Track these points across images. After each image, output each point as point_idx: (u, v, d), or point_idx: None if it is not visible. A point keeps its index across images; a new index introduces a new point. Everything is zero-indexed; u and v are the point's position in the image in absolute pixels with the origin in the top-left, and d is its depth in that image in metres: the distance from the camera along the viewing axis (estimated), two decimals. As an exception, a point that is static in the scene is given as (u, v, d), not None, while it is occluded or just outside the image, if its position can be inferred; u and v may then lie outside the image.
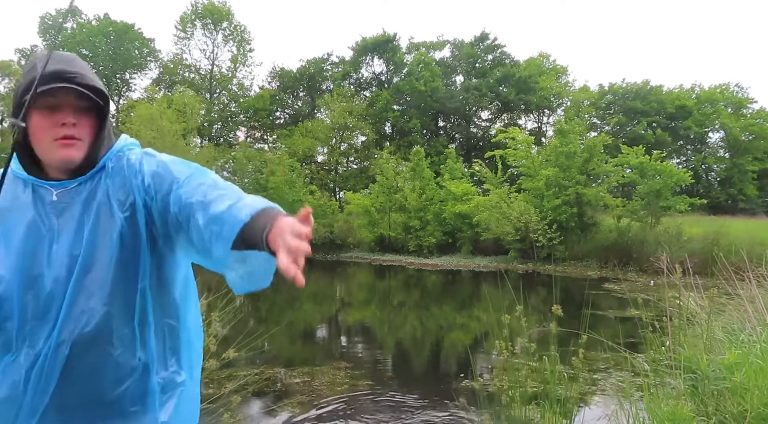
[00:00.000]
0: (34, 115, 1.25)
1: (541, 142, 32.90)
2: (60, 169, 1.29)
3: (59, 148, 1.25)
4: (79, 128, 1.27)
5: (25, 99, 1.20)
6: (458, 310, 12.23)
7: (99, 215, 1.25)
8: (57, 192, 1.28)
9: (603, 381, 5.87)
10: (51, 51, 1.27)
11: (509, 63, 40.78)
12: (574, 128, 21.46)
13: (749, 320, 4.39)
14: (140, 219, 1.26)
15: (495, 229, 20.58)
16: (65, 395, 1.19)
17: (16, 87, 1.30)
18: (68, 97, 1.25)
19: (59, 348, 1.18)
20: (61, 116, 1.25)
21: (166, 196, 1.25)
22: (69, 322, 1.19)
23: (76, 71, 1.27)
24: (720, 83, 40.50)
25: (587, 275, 17.08)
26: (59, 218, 1.26)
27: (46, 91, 1.22)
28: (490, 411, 3.58)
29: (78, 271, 1.21)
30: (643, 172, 20.20)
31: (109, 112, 1.34)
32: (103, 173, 1.31)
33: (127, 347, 1.23)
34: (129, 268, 1.24)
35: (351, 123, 35.94)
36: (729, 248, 8.63)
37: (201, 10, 38.98)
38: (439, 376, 7.23)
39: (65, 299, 1.20)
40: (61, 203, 1.27)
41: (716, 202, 34.35)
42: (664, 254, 4.99)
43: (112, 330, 1.21)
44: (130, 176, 1.29)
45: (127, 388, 1.23)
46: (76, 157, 1.27)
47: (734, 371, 3.15)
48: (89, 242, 1.23)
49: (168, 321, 1.33)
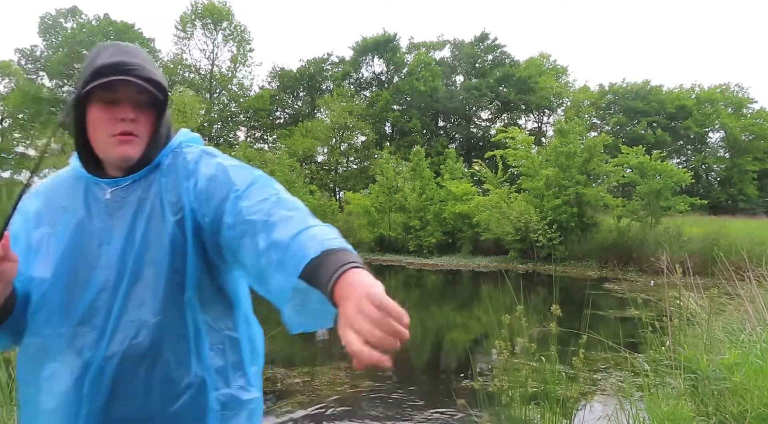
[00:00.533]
0: (93, 109, 1.19)
1: (541, 142, 32.92)
2: (116, 167, 1.23)
3: (117, 145, 1.19)
4: (138, 124, 1.20)
5: (82, 92, 1.16)
6: (458, 310, 12.22)
7: (151, 217, 1.18)
8: (111, 190, 1.21)
9: (603, 381, 5.87)
10: (112, 43, 1.22)
11: (509, 63, 40.79)
12: (574, 128, 21.45)
13: (749, 320, 4.39)
14: (189, 224, 1.17)
15: (495, 229, 20.58)
16: (116, 411, 1.11)
17: (77, 79, 1.24)
18: (128, 92, 1.19)
19: (109, 360, 1.10)
20: (119, 111, 1.18)
21: (221, 204, 1.15)
22: (119, 333, 1.12)
23: (137, 63, 1.19)
24: (720, 83, 40.56)
25: (587, 275, 17.08)
26: (111, 217, 1.19)
27: (105, 84, 1.15)
28: (490, 411, 3.58)
29: (129, 277, 1.14)
30: (643, 172, 20.20)
31: (168, 107, 1.26)
32: (158, 171, 1.24)
33: (181, 361, 1.14)
34: (181, 276, 1.16)
35: (351, 123, 35.94)
36: (729, 248, 8.63)
37: (201, 10, 38.98)
38: (439, 376, 7.23)
39: (114, 307, 1.12)
40: (113, 202, 1.21)
41: (716, 202, 34.35)
42: (664, 254, 4.99)
43: (164, 343, 1.13)
44: (183, 177, 1.21)
45: (183, 405, 1.14)
46: (133, 154, 1.20)
47: (734, 371, 3.15)
48: (141, 246, 1.15)
49: (228, 334, 1.23)
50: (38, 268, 1.17)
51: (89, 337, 1.12)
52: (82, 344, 1.12)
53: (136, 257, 1.15)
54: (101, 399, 1.10)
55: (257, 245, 1.04)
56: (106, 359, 1.11)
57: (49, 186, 1.29)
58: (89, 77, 1.16)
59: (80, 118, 1.21)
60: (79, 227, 1.19)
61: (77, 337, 1.12)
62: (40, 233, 1.21)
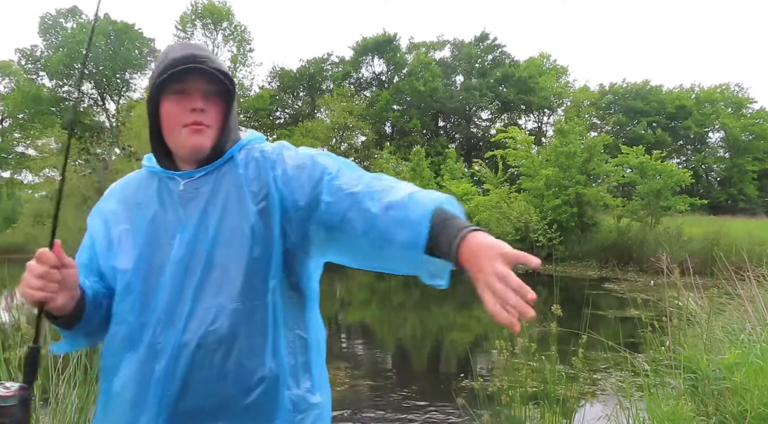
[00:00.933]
0: (165, 103, 1.23)
1: (541, 142, 32.91)
2: (189, 159, 1.25)
3: (189, 135, 1.22)
4: (208, 115, 1.23)
5: (155, 84, 1.20)
6: (458, 310, 12.22)
7: (226, 207, 1.20)
8: (184, 182, 1.24)
9: (603, 381, 5.87)
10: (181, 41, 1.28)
11: (509, 63, 40.80)
12: (574, 128, 21.46)
13: (749, 320, 4.39)
14: (274, 213, 1.19)
15: (495, 229, 20.57)
16: (189, 398, 1.12)
17: (150, 78, 1.27)
18: (197, 82, 1.22)
19: (183, 348, 1.12)
20: (190, 101, 1.21)
21: (315, 186, 1.17)
22: (194, 320, 1.13)
23: (206, 55, 1.24)
24: (720, 83, 40.58)
25: (587, 275, 17.08)
26: (184, 208, 1.22)
27: (176, 74, 1.19)
28: (490, 411, 3.58)
29: (204, 265, 1.16)
30: (643, 172, 20.21)
31: (236, 99, 1.30)
32: (231, 164, 1.26)
33: (256, 353, 1.14)
34: (260, 264, 1.16)
35: (351, 123, 35.95)
36: (729, 248, 8.63)
37: (201, 10, 38.99)
38: (439, 376, 7.23)
39: (190, 294, 1.14)
40: (187, 193, 1.23)
41: (716, 202, 34.36)
42: (664, 254, 5.00)
43: (240, 332, 1.13)
44: (267, 168, 1.23)
45: (256, 399, 1.13)
46: (205, 144, 1.23)
47: (734, 371, 3.15)
48: (216, 235, 1.18)
49: (298, 333, 1.23)
50: (121, 260, 1.22)
51: (170, 326, 1.14)
52: (160, 331, 1.14)
53: (211, 244, 1.17)
54: (175, 386, 1.11)
55: (369, 211, 1.07)
56: (182, 346, 1.12)
57: (123, 187, 1.34)
58: (162, 71, 1.20)
59: (154, 114, 1.25)
60: (154, 220, 1.23)
61: (159, 326, 1.15)
62: (119, 230, 1.25)
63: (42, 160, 27.79)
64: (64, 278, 1.12)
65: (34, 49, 39.34)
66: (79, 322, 1.21)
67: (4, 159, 36.60)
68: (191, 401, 1.12)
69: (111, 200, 1.33)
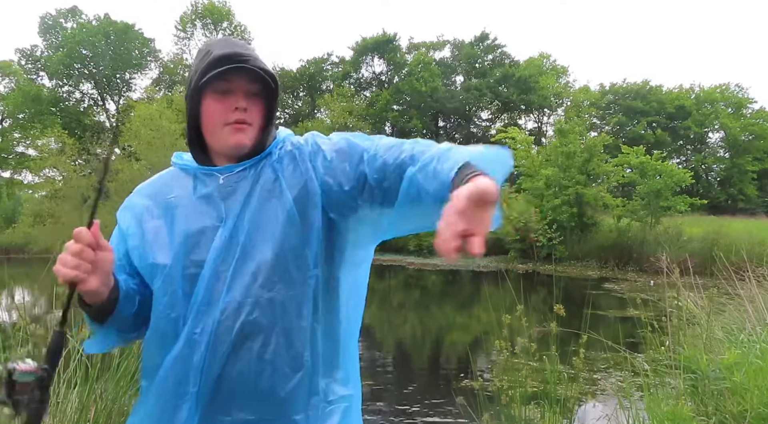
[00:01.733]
0: (207, 100, 1.23)
1: (541, 142, 32.92)
2: (229, 156, 1.27)
3: (231, 134, 1.23)
4: (251, 113, 1.24)
5: (200, 82, 1.20)
6: (458, 310, 12.23)
7: (265, 199, 1.21)
8: (224, 177, 1.25)
9: (603, 381, 5.87)
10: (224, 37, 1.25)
11: (509, 63, 40.79)
12: (574, 128, 21.47)
13: (749, 320, 4.39)
14: (315, 203, 1.21)
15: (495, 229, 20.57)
16: (227, 388, 1.13)
17: (189, 74, 1.27)
18: (240, 81, 1.23)
19: (220, 338, 1.13)
20: (233, 100, 1.22)
21: (357, 166, 1.18)
22: (230, 310, 1.14)
23: (249, 54, 1.24)
24: (720, 83, 40.54)
25: (587, 275, 17.08)
26: (225, 201, 1.23)
27: (220, 73, 1.19)
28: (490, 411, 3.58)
29: (240, 255, 1.17)
30: (643, 172, 20.21)
31: (278, 97, 1.30)
32: (268, 159, 1.27)
33: (293, 343, 1.16)
34: (299, 254, 1.18)
35: (351, 123, 35.94)
36: (729, 248, 8.63)
37: (201, 10, 38.99)
38: (439, 376, 7.23)
39: (226, 285, 1.15)
40: (226, 187, 1.24)
41: (716, 202, 34.35)
42: (664, 254, 5.00)
43: (277, 322, 1.15)
44: (304, 159, 1.25)
45: (293, 390, 1.15)
46: (247, 142, 1.24)
47: (734, 371, 3.15)
48: (252, 226, 1.19)
49: (334, 325, 1.25)
50: (159, 255, 1.22)
51: (204, 314, 1.15)
52: (197, 321, 1.15)
53: (249, 236, 1.18)
54: (212, 376, 1.13)
55: (412, 170, 1.08)
56: (219, 336, 1.13)
57: (153, 184, 1.35)
58: (206, 68, 1.20)
59: (194, 111, 1.25)
60: (192, 214, 1.23)
61: (199, 319, 1.15)
62: (153, 225, 1.26)
63: (42, 160, 27.79)
64: (99, 261, 1.12)
65: (34, 49, 39.35)
66: (112, 315, 1.21)
67: (4, 159, 36.59)
68: (228, 390, 1.13)
69: (141, 196, 1.33)
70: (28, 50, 39.16)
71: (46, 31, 38.72)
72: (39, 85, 38.25)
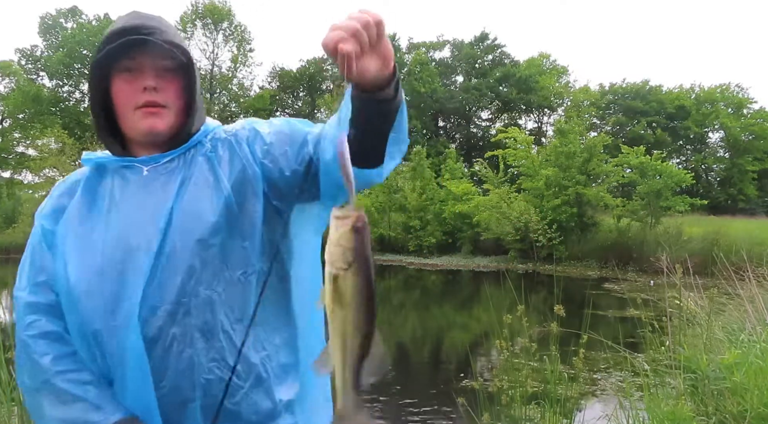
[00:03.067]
0: (115, 82, 1.10)
1: (541, 142, 32.91)
2: (145, 144, 1.13)
3: (143, 118, 1.09)
4: (163, 93, 1.10)
5: (98, 58, 1.08)
6: (458, 310, 12.23)
7: (199, 191, 1.09)
8: (147, 168, 1.11)
9: (603, 381, 5.87)
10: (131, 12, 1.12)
11: (509, 63, 40.78)
12: (573, 128, 21.46)
13: (749, 320, 4.39)
14: (257, 190, 1.10)
15: (495, 229, 20.58)
16: (162, 396, 1.04)
17: (93, 54, 1.14)
18: (146, 58, 1.09)
19: (150, 343, 1.03)
20: (141, 80, 1.09)
21: (301, 148, 1.09)
22: (162, 312, 1.03)
23: (155, 26, 1.10)
24: (720, 83, 40.51)
25: (587, 275, 17.08)
26: (151, 195, 1.09)
27: (123, 51, 1.06)
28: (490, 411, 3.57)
29: (171, 251, 1.05)
30: (643, 172, 20.21)
31: (196, 74, 1.15)
32: (199, 148, 1.15)
33: (221, 348, 1.06)
34: (239, 247, 1.08)
35: (351, 123, 35.93)
36: (729, 248, 8.63)
37: (201, 10, 38.97)
38: (439, 376, 7.23)
39: (152, 287, 1.04)
40: (151, 180, 1.11)
41: (716, 202, 34.32)
42: (664, 254, 5.00)
43: (211, 322, 1.05)
44: (242, 144, 1.14)
45: (210, 402, 1.05)
46: (162, 127, 1.10)
47: (734, 371, 3.15)
48: (184, 221, 1.06)
49: (282, 331, 1.16)
50: (80, 263, 1.09)
51: (132, 319, 1.04)
52: (126, 325, 1.04)
53: (180, 231, 1.06)
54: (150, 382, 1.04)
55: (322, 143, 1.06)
56: (148, 340, 1.03)
57: (68, 186, 1.20)
58: (104, 42, 1.09)
59: (102, 95, 1.12)
60: (115, 214, 1.10)
61: (125, 321, 1.04)
62: (74, 230, 1.12)
63: (42, 160, 27.77)
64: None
65: (34, 49, 39.35)
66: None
67: (4, 159, 36.56)
68: (163, 397, 1.05)
69: (59, 199, 1.18)
70: (28, 50, 39.17)
71: (46, 31, 38.71)
72: (39, 85, 38.23)
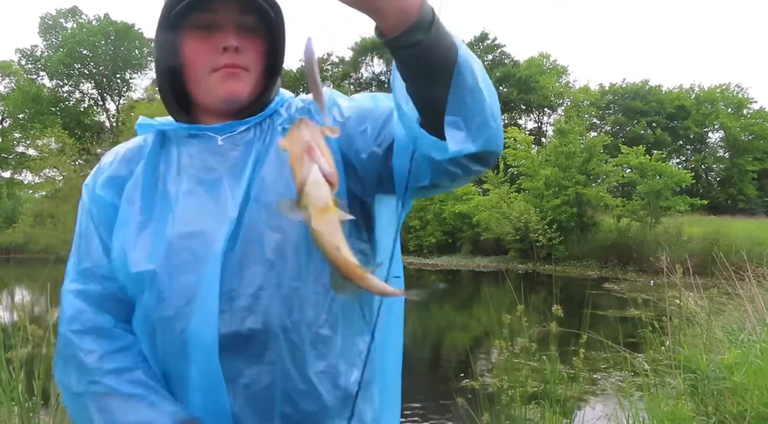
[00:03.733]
0: (188, 41, 0.95)
1: (541, 142, 32.92)
2: (220, 112, 0.98)
3: (221, 81, 0.94)
4: (245, 54, 0.95)
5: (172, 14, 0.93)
6: (458, 310, 12.23)
7: (279, 168, 0.94)
8: (222, 138, 0.97)
9: (603, 381, 5.87)
10: None
11: (509, 63, 40.79)
12: (573, 128, 21.47)
13: (749, 319, 4.39)
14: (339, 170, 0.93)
15: (495, 229, 20.58)
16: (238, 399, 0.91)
17: (163, 8, 0.97)
18: (227, 12, 0.94)
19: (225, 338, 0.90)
20: (220, 38, 0.93)
21: (383, 126, 0.94)
22: (238, 305, 0.90)
23: None
24: (720, 83, 40.51)
25: (587, 274, 17.08)
26: (227, 170, 0.95)
27: (199, 3, 0.92)
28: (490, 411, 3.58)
29: (250, 236, 0.91)
30: (643, 172, 20.22)
31: (284, 34, 0.99)
32: (275, 118, 1.00)
33: (317, 345, 0.93)
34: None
35: (351, 123, 35.93)
36: (729, 248, 8.63)
37: (201, 10, 38.98)
38: (439, 376, 7.23)
39: (226, 280, 0.90)
40: (227, 151, 0.97)
41: (716, 202, 34.32)
42: (664, 254, 4.99)
43: (303, 316, 0.92)
44: (321, 122, 0.96)
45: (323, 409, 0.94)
46: (242, 91, 0.96)
47: (734, 371, 3.15)
48: (266, 200, 0.92)
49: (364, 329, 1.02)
50: (144, 248, 0.95)
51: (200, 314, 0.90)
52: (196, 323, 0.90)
53: (262, 211, 0.93)
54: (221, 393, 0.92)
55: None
56: (223, 337, 0.90)
57: (126, 156, 1.04)
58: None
59: (170, 56, 0.97)
60: (184, 191, 0.96)
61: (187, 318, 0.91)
62: (138, 207, 0.98)
63: (42, 160, 27.76)
64: None
65: (34, 49, 39.37)
66: None
67: (4, 159, 36.57)
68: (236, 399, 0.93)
69: (118, 167, 1.03)
70: (28, 50, 39.18)
71: (46, 31, 38.72)
72: (39, 85, 38.24)
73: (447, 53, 0.78)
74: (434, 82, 0.79)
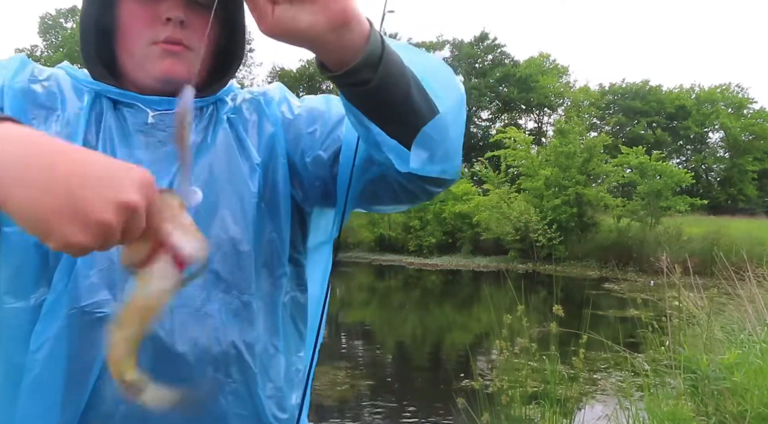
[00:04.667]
0: (125, 1, 0.82)
1: (541, 142, 32.94)
2: (153, 91, 0.84)
3: (159, 57, 0.81)
4: (191, 30, 0.81)
5: None
6: (458, 310, 12.23)
7: (225, 161, 0.84)
8: (154, 114, 0.83)
9: (603, 381, 5.87)
10: None
11: (509, 63, 40.81)
12: (573, 128, 21.48)
13: (749, 319, 4.39)
14: (279, 170, 0.87)
15: (495, 229, 20.59)
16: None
17: None
18: None
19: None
20: (165, 6, 0.80)
21: (333, 129, 0.87)
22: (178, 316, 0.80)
23: None
24: (720, 83, 40.54)
25: (587, 275, 17.09)
26: (155, 151, 0.81)
27: None
28: (490, 411, 3.58)
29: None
30: (643, 172, 20.23)
31: (244, 14, 0.87)
32: (219, 105, 0.89)
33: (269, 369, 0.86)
34: (274, 241, 0.85)
35: (351, 123, 35.98)
36: (729, 248, 8.63)
37: (201, 10, 39.04)
38: (439, 376, 7.23)
39: None
40: (157, 130, 0.83)
41: (716, 202, 34.34)
42: (664, 254, 5.00)
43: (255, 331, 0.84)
44: (273, 107, 0.91)
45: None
46: (181, 72, 0.81)
47: (734, 371, 3.15)
48: (207, 199, 0.80)
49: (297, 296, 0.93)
50: None
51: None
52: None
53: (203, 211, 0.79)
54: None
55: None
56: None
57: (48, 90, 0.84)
58: None
59: (102, 15, 0.84)
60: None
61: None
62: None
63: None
64: None
65: (34, 49, 39.38)
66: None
67: None
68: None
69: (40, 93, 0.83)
70: (28, 50, 39.19)
71: (46, 31, 38.77)
72: (39, 85, 38.26)
73: (399, 90, 0.70)
74: (386, 121, 0.72)
